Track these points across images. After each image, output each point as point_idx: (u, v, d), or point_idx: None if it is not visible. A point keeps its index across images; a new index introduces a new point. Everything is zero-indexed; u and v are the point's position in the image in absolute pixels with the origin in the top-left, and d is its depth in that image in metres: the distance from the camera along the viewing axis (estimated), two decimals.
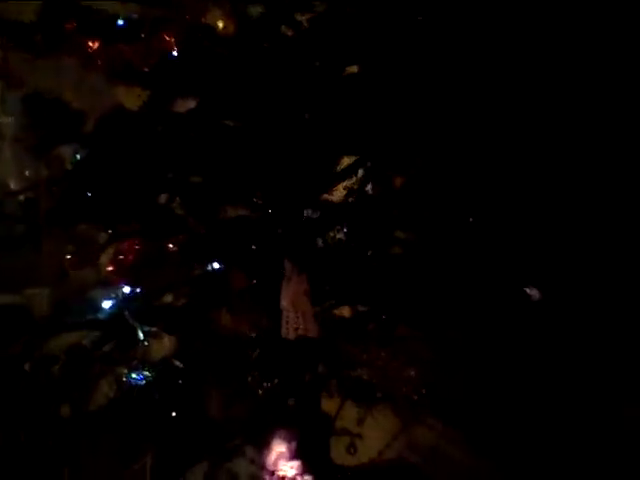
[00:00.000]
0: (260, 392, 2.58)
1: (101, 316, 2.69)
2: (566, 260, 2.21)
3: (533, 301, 2.21)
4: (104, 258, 2.60)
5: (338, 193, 2.49)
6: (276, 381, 2.57)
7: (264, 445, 2.62)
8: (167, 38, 2.33)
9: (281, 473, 2.57)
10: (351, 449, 2.81)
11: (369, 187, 2.44)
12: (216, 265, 2.40)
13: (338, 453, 2.77)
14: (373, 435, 2.82)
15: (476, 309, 2.31)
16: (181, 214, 2.43)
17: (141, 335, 2.61)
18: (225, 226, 2.31)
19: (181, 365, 2.49)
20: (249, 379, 2.52)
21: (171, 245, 2.44)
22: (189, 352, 2.54)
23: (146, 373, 2.59)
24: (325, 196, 2.52)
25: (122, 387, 2.58)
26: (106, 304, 2.72)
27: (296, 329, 2.12)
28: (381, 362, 2.30)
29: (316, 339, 2.14)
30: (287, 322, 2.12)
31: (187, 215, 2.39)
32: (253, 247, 2.32)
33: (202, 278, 2.45)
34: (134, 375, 2.59)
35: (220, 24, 2.34)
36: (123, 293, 2.69)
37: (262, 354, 2.54)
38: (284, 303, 2.11)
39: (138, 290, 2.66)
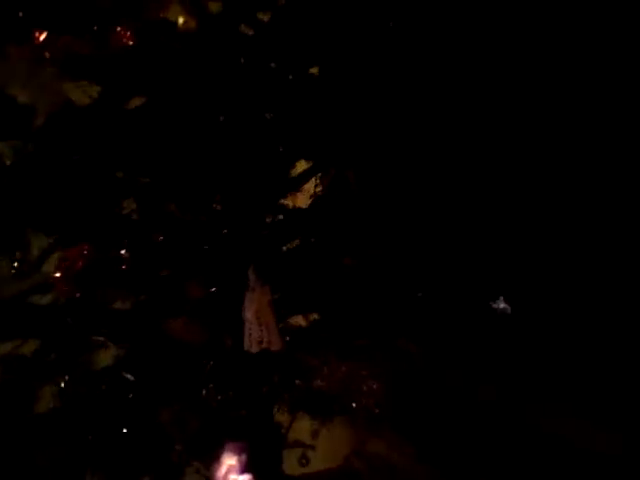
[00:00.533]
0: (213, 404, 2.46)
1: (39, 323, 2.52)
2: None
3: (498, 313, 2.16)
4: (47, 264, 2.45)
5: (299, 200, 2.41)
6: (230, 393, 2.46)
7: (214, 458, 2.51)
8: (122, 32, 2.19)
9: None
10: (303, 460, 2.73)
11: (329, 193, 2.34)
12: (171, 273, 2.25)
13: (290, 465, 2.68)
14: (324, 447, 2.75)
15: (436, 319, 2.25)
16: (134, 219, 2.29)
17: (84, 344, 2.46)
18: (182, 232, 2.18)
19: (131, 377, 2.34)
20: (203, 391, 2.40)
21: (123, 251, 2.29)
22: (138, 363, 2.40)
23: (90, 384, 2.44)
24: (284, 202, 2.42)
25: (64, 399, 2.43)
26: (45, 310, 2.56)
27: (260, 342, 2.03)
28: (341, 374, 2.20)
29: (278, 352, 2.04)
30: (250, 334, 2.02)
31: (141, 220, 2.24)
32: (211, 255, 2.19)
33: (155, 286, 2.31)
34: (78, 386, 2.44)
35: (181, 20, 2.22)
36: (63, 299, 2.53)
37: (216, 366, 2.43)
38: (248, 315, 2.02)
39: (79, 296, 2.51)
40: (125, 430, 2.42)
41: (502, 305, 2.11)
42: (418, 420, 2.42)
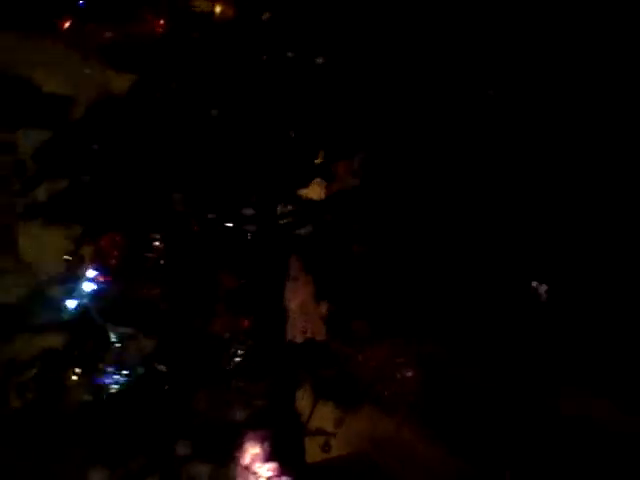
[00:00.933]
0: (242, 394, 2.46)
1: (66, 317, 2.49)
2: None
3: (538, 300, 2.19)
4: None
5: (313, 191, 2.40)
6: (257, 382, 2.46)
7: (238, 447, 2.52)
8: (152, 20, 2.17)
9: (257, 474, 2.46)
10: (326, 447, 2.75)
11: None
12: (205, 263, 2.24)
13: (312, 452, 2.69)
14: (348, 434, 2.76)
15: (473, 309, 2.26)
16: (171, 208, 2.27)
17: (113, 337, 2.43)
18: (218, 222, 2.17)
19: (164, 369, 2.33)
20: (234, 382, 2.40)
21: (157, 242, 2.28)
22: (171, 354, 2.38)
23: (122, 377, 2.43)
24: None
25: (97, 392, 2.41)
26: (71, 303, 2.53)
27: (304, 332, 2.02)
28: (375, 362, 2.22)
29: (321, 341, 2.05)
30: (294, 325, 2.02)
31: (177, 210, 2.23)
32: (246, 245, 2.18)
33: (188, 277, 2.30)
34: (110, 379, 2.42)
35: (218, 9, 2.20)
36: (89, 291, 2.50)
37: (247, 355, 2.43)
38: (292, 305, 2.02)
39: (105, 288, 2.48)
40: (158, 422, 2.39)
41: (542, 288, 2.14)
42: (450, 412, 2.43)
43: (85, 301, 2.52)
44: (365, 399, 2.53)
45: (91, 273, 2.39)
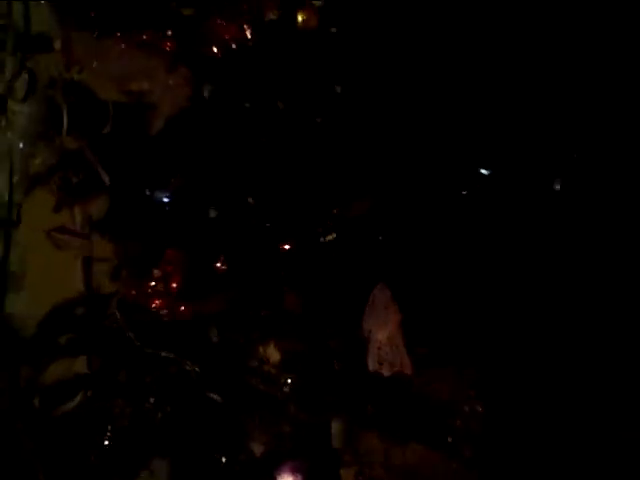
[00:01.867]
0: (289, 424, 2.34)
1: (98, 338, 2.32)
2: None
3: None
4: None
5: None
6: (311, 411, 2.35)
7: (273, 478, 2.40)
8: (241, 30, 2.04)
9: None
10: (359, 477, 2.65)
11: None
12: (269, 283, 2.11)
13: None
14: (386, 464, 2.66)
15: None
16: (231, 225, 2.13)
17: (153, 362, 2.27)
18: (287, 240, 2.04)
19: (217, 397, 2.18)
20: (288, 410, 2.27)
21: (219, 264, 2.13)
22: (222, 384, 2.24)
23: (165, 405, 2.27)
24: None
25: (139, 421, 2.24)
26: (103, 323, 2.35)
27: (392, 365, 1.91)
28: (442, 393, 2.13)
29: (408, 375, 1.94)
30: (380, 357, 1.91)
31: (241, 226, 2.09)
32: (317, 266, 2.06)
33: (249, 298, 2.16)
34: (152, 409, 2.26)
35: (300, 17, 2.08)
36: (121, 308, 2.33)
37: (300, 384, 2.31)
38: (380, 336, 1.91)
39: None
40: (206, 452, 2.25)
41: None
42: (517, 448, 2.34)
43: (121, 321, 2.34)
44: (417, 431, 2.43)
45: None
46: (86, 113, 1.79)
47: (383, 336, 1.93)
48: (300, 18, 2.06)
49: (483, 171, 2.07)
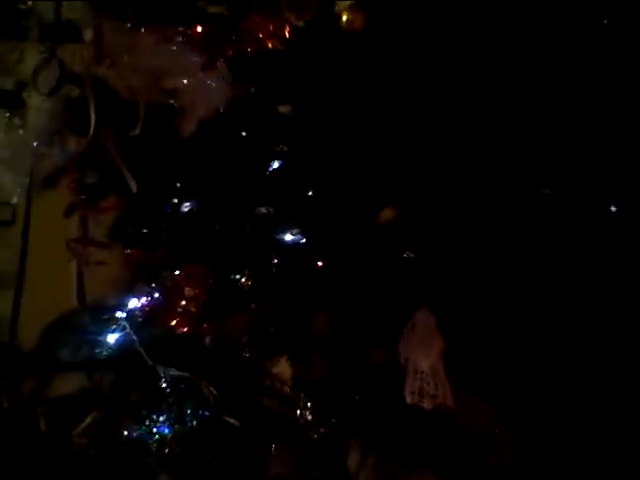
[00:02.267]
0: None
1: (105, 353, 2.15)
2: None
3: None
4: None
5: None
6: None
7: None
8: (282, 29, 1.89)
9: None
10: None
11: None
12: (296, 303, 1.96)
13: None
14: None
15: None
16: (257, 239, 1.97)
17: (164, 381, 2.11)
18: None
19: (237, 423, 2.02)
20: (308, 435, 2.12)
21: (243, 279, 1.97)
22: (239, 406, 2.08)
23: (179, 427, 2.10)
24: None
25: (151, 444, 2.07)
26: (112, 338, 2.19)
27: (434, 397, 1.77)
28: (472, 420, 1.99)
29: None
30: (422, 388, 1.76)
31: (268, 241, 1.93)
32: (349, 287, 1.91)
33: (274, 318, 2.00)
34: (162, 430, 2.09)
35: (344, 17, 1.93)
36: (131, 322, 2.17)
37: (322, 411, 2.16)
38: (421, 365, 1.75)
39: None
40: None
41: None
42: None
43: (130, 336, 2.17)
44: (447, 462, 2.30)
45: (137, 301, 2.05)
46: (114, 111, 1.60)
47: (425, 365, 1.78)
48: (345, 18, 1.90)
49: (544, 190, 1.93)
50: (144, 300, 2.09)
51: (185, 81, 1.63)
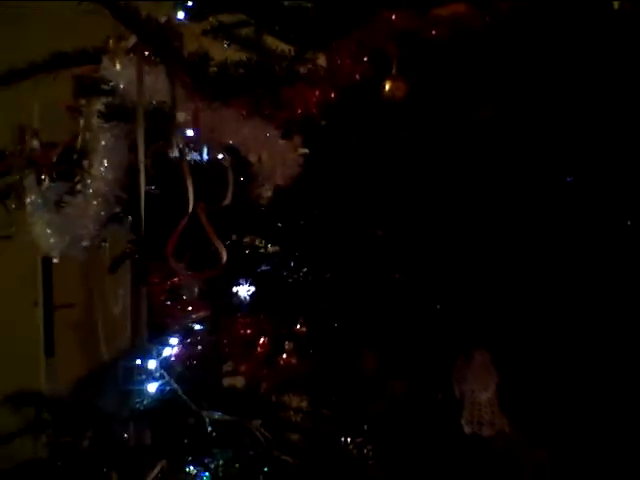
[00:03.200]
0: None
1: (147, 402, 2.26)
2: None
3: None
4: None
5: None
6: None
7: None
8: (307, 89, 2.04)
9: None
10: None
11: None
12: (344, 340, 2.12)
13: None
14: None
15: None
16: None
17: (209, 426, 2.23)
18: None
19: (290, 460, 2.16)
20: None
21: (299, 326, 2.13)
22: (293, 449, 2.22)
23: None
24: None
25: None
26: (152, 386, 2.30)
27: (492, 424, 1.99)
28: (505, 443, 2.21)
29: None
30: (482, 418, 1.98)
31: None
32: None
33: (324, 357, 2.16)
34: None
35: (387, 85, 2.12)
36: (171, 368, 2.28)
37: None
38: (482, 398, 1.97)
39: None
40: None
41: None
42: None
43: (171, 384, 2.28)
44: None
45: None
46: (206, 186, 1.74)
47: (485, 398, 1.98)
48: (387, 87, 2.07)
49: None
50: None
51: (267, 153, 1.76)
